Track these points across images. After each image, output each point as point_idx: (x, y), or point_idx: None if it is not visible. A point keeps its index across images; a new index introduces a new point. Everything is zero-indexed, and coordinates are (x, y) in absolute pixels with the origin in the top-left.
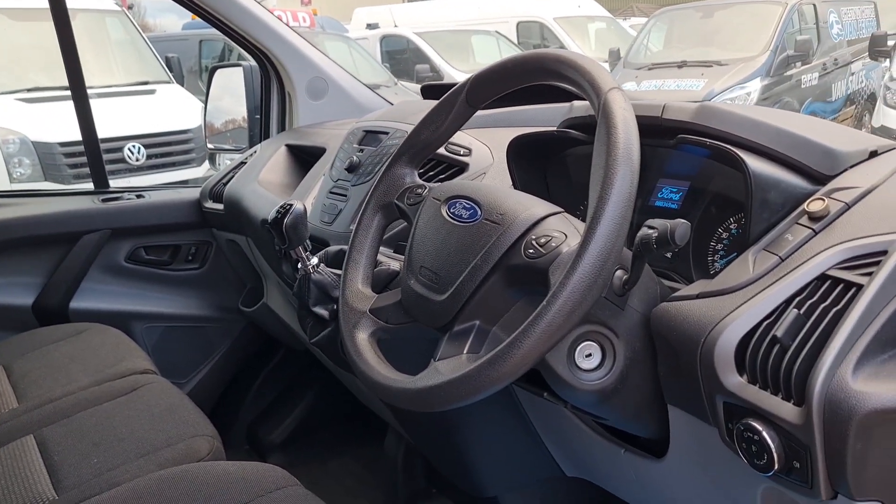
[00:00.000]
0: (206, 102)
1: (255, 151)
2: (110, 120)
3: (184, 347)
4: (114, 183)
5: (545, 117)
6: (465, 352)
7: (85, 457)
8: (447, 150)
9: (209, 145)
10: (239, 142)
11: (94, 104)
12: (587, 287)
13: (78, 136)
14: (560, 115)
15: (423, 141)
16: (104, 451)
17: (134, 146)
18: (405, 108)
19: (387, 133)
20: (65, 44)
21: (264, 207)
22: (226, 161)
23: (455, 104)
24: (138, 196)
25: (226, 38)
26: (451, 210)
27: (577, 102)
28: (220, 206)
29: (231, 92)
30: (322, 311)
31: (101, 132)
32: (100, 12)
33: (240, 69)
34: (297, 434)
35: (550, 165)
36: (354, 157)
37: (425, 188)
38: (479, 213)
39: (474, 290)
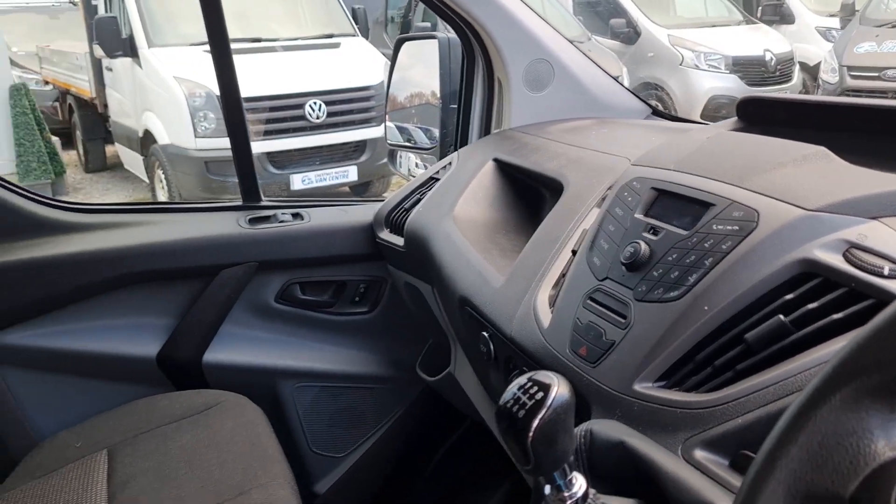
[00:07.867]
0: (390, 75)
1: (451, 164)
2: (294, 75)
3: (344, 413)
4: (290, 143)
5: None
6: None
7: None
8: (854, 263)
9: (388, 142)
10: (426, 122)
11: (280, 58)
12: None
13: (263, 92)
14: None
15: None
16: None
17: (315, 103)
18: (731, 145)
19: (707, 205)
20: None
21: (461, 270)
22: (409, 158)
23: None
24: (294, 216)
25: None
26: None
27: None
28: (400, 242)
29: (422, 64)
30: None
31: (285, 87)
32: None
33: (434, 42)
34: None
35: None
36: (642, 245)
37: None
38: None
39: None
